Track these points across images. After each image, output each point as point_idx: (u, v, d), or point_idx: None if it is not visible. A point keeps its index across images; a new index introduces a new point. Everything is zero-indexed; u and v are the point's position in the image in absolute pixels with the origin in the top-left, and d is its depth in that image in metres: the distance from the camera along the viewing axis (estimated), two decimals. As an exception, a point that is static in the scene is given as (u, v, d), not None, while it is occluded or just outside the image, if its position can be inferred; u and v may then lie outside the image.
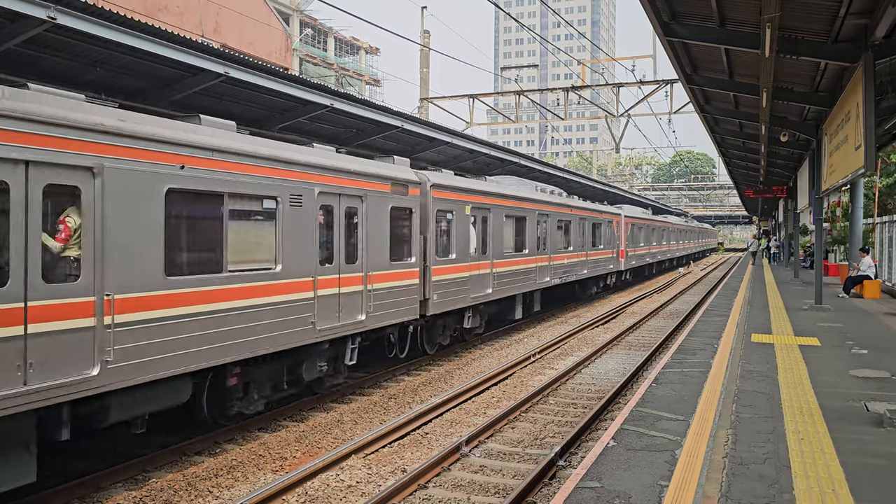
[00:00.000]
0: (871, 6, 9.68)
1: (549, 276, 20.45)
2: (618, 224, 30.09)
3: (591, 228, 25.69)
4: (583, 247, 24.38)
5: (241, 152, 8.66)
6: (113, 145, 7.00)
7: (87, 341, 6.64)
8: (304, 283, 9.83)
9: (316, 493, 7.31)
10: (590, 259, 25.37)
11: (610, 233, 28.58)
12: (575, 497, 5.29)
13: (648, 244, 38.10)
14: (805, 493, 5.20)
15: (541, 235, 19.91)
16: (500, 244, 16.84)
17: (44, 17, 8.33)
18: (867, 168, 10.23)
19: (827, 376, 9.19)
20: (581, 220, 24.19)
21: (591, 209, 25.79)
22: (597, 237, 26.55)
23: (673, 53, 13.17)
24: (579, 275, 23.87)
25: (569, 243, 22.77)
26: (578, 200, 25.35)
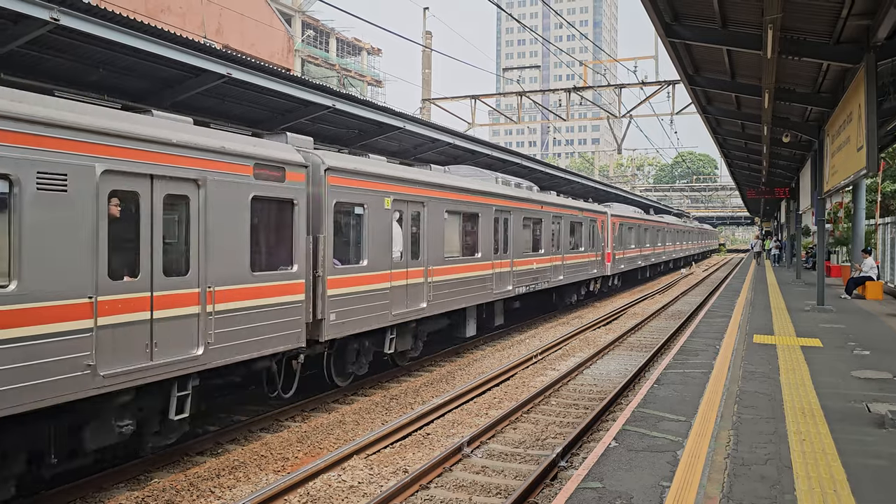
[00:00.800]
0: (873, 7, 9.68)
1: (512, 285, 17.43)
2: (603, 224, 27.36)
3: (570, 228, 22.86)
4: (558, 249, 21.41)
5: None
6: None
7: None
8: (72, 308, 6.61)
9: (318, 493, 7.32)
10: (567, 263, 22.31)
11: (593, 233, 25.77)
12: (576, 498, 5.30)
13: (641, 246, 35.18)
14: (807, 494, 5.20)
15: (500, 236, 16.89)
16: (439, 247, 13.63)
17: (47, 18, 8.37)
18: (869, 169, 10.23)
19: (829, 377, 9.18)
20: (556, 218, 21.27)
21: (568, 206, 22.89)
22: (577, 238, 23.82)
23: (675, 54, 13.18)
24: (553, 281, 20.94)
25: (539, 245, 19.86)
26: (554, 196, 22.36)
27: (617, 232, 29.29)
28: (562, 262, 21.74)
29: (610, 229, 28.10)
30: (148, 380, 7.34)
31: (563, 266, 21.85)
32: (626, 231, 31.32)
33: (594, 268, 25.92)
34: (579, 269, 23.88)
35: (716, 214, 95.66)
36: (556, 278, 21.22)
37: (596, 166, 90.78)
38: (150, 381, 7.38)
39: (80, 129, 6.70)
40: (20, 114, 6.20)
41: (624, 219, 31.18)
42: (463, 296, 14.72)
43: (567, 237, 22.38)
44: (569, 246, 22.55)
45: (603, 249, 27.22)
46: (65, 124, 6.58)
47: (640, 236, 35.07)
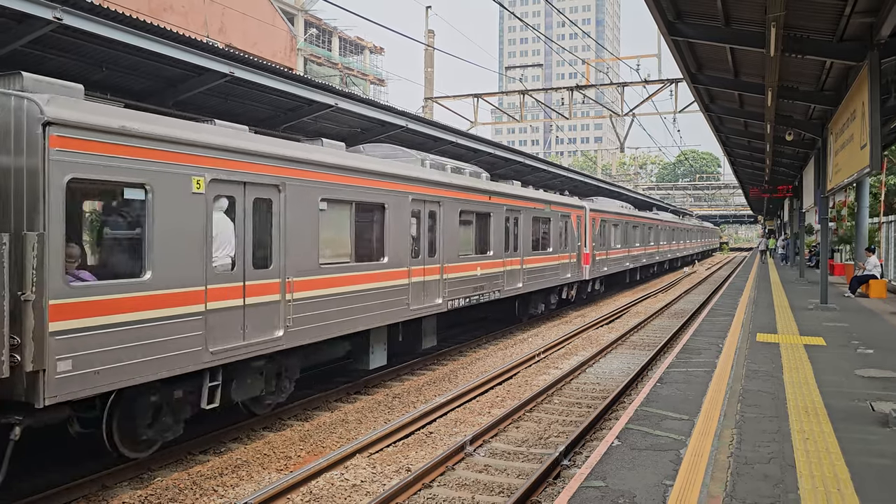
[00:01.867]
0: (877, 5, 9.65)
1: (443, 297, 13.75)
2: (580, 220, 23.53)
3: (533, 225, 19.15)
4: (515, 251, 17.73)
5: None
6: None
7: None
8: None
9: (321, 492, 7.33)
10: (529, 268, 18.58)
11: (567, 231, 22.11)
12: (579, 496, 5.30)
13: (629, 245, 31.61)
14: (810, 493, 5.19)
15: (424, 235, 13.24)
16: (310, 249, 9.86)
17: (50, 17, 8.38)
18: (873, 167, 10.21)
19: (832, 376, 9.17)
20: (512, 212, 17.51)
21: (530, 198, 19.02)
22: (543, 237, 20.09)
23: (678, 53, 13.15)
24: (508, 290, 17.20)
25: (487, 246, 16.11)
26: (510, 185, 18.77)
27: (598, 229, 25.84)
28: (520, 266, 17.89)
29: (589, 226, 24.47)
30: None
31: (522, 271, 18.02)
32: (610, 229, 27.83)
33: (568, 271, 22.03)
34: (547, 273, 20.12)
35: (719, 213, 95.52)
36: (513, 286, 17.50)
37: (599, 165, 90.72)
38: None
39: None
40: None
41: (607, 214, 27.59)
42: (359, 316, 10.94)
43: (528, 236, 18.66)
44: (531, 247, 18.90)
45: (580, 250, 23.42)
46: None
47: (629, 235, 31.59)
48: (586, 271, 24.19)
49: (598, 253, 25.94)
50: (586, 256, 24.15)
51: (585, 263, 24.05)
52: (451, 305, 14.13)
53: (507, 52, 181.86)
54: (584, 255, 24.00)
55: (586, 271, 24.19)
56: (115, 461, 8.03)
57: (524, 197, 18.55)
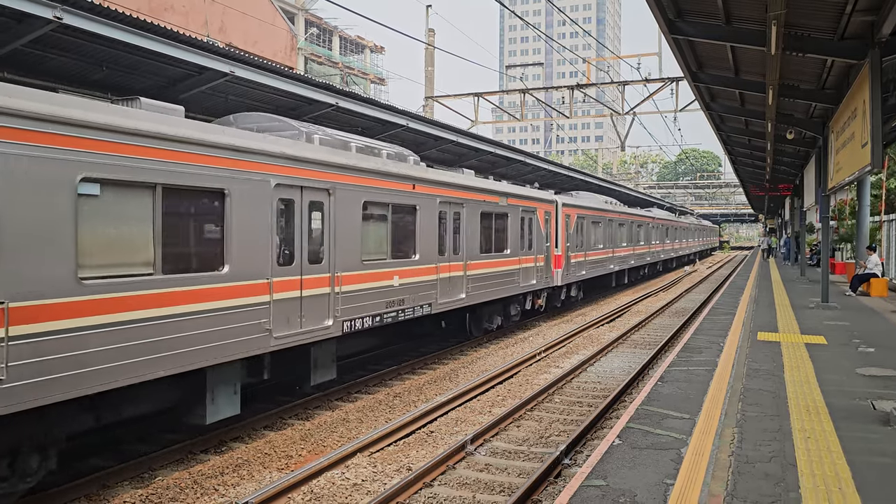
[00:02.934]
0: (878, 3, 9.64)
1: (334, 318, 10.33)
2: (549, 216, 20.27)
3: (482, 222, 15.67)
4: (456, 253, 14.38)
5: None
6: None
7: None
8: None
9: (322, 491, 7.33)
10: (475, 274, 15.20)
11: (532, 230, 18.81)
12: (580, 495, 5.29)
13: (614, 245, 28.64)
14: (811, 492, 5.19)
15: (302, 235, 9.86)
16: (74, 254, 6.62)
17: (50, 17, 8.39)
18: (874, 165, 10.20)
19: (833, 375, 9.16)
20: (449, 205, 14.07)
21: (477, 188, 15.53)
22: (498, 237, 16.69)
23: (678, 51, 13.14)
24: (444, 303, 13.75)
25: (411, 248, 12.80)
26: (450, 173, 15.19)
27: (574, 227, 22.70)
28: (463, 272, 14.62)
29: (562, 224, 21.23)
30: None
31: (465, 279, 14.68)
32: (589, 227, 24.68)
33: (532, 277, 18.65)
34: (503, 280, 16.77)
35: (720, 211, 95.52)
36: (451, 298, 14.08)
37: (599, 163, 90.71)
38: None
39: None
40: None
41: (585, 210, 24.27)
42: (179, 351, 7.70)
43: (475, 235, 15.25)
44: (480, 248, 15.47)
45: (549, 251, 20.13)
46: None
47: (613, 234, 28.57)
48: (558, 276, 20.88)
49: (575, 255, 22.72)
50: (557, 259, 20.81)
51: (557, 267, 20.73)
52: (350, 327, 10.77)
53: (508, 51, 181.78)
54: (555, 257, 20.70)
55: (558, 276, 20.88)
56: (118, 460, 8.04)
57: (468, 187, 15.02)
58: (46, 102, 6.41)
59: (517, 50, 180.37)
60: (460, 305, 14.56)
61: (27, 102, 6.22)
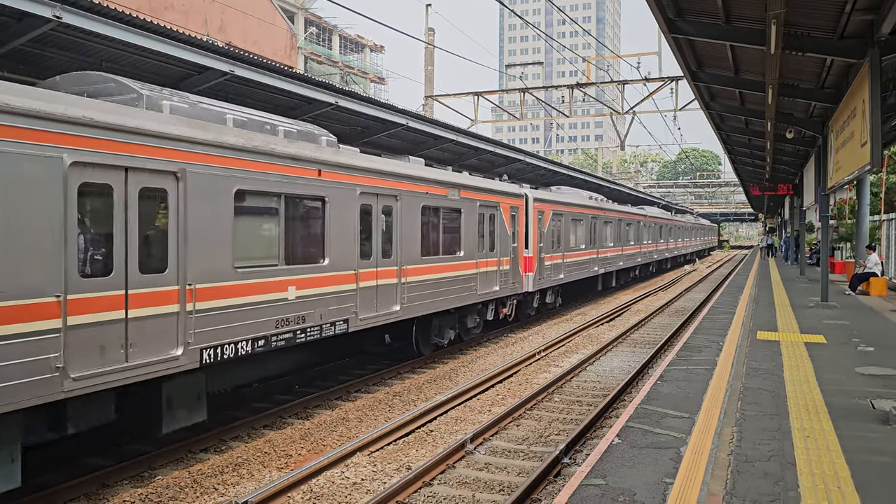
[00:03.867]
0: (878, 2, 9.64)
1: (182, 345, 7.87)
2: (517, 213, 18.08)
3: (423, 218, 13.32)
4: (386, 256, 12.15)
5: None
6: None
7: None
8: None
9: (321, 490, 7.33)
10: (415, 281, 12.89)
11: (494, 228, 16.53)
12: (579, 494, 5.30)
13: (599, 245, 26.49)
14: (810, 491, 5.19)
15: (127, 232, 7.40)
16: None
17: (50, 15, 8.38)
18: (873, 165, 10.20)
19: (833, 374, 9.16)
20: (376, 198, 11.80)
21: (417, 178, 13.14)
22: (448, 236, 14.35)
23: (678, 50, 13.14)
24: (367, 319, 11.40)
25: (314, 251, 10.41)
26: (383, 160, 12.73)
27: (549, 226, 20.38)
28: (398, 280, 12.35)
29: (533, 221, 19.05)
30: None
31: (401, 287, 12.40)
32: (568, 225, 22.35)
33: (494, 283, 16.38)
34: (454, 287, 14.39)
35: (719, 211, 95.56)
36: (379, 311, 11.76)
37: (599, 163, 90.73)
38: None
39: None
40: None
41: (562, 206, 21.86)
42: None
43: (414, 234, 12.99)
44: (421, 249, 13.18)
45: (516, 253, 17.86)
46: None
47: (599, 232, 26.44)
48: (528, 281, 18.69)
49: (550, 256, 20.41)
50: (528, 261, 18.63)
51: (527, 271, 18.63)
52: (214, 357, 8.26)
53: (508, 51, 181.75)
54: (525, 259, 18.49)
55: (528, 281, 18.69)
56: (118, 459, 8.04)
57: (404, 176, 12.66)
58: None
59: (517, 49, 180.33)
60: (393, 319, 12.23)
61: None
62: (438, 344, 14.86)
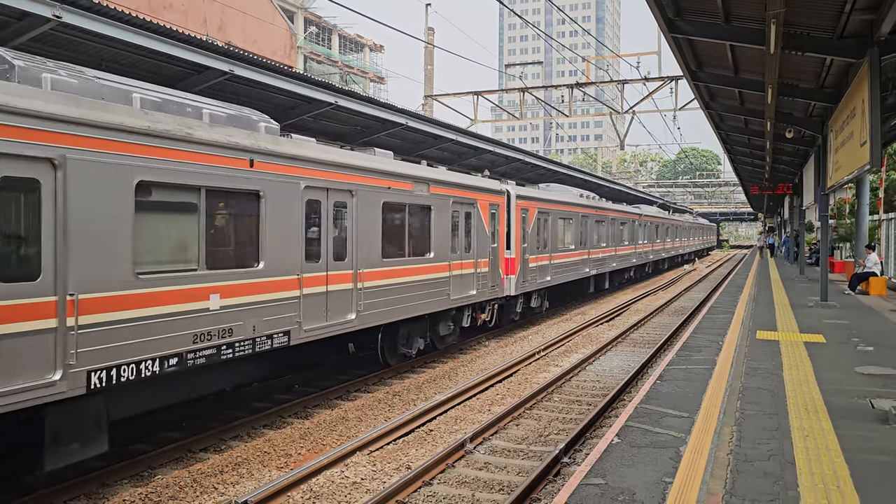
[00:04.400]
0: (877, 2, 9.64)
1: (61, 368, 6.52)
2: (497, 211, 16.73)
3: (385, 216, 11.98)
4: (339, 259, 10.81)
5: None
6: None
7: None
8: None
9: (321, 489, 7.33)
10: (375, 287, 11.57)
11: (470, 227, 15.26)
12: (579, 494, 5.30)
13: (590, 246, 25.24)
14: (810, 490, 5.19)
15: None
16: None
17: (49, 15, 8.38)
18: (873, 164, 10.20)
19: (832, 373, 9.17)
20: (324, 193, 10.42)
21: (377, 171, 11.74)
22: (414, 236, 13.00)
23: (678, 50, 13.14)
24: (315, 330, 10.11)
25: (248, 253, 9.12)
26: (322, 147, 10.82)
27: (534, 225, 19.19)
28: (353, 284, 10.98)
29: (516, 220, 17.86)
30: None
31: (356, 293, 11.02)
32: (555, 224, 21.11)
33: (471, 287, 15.17)
34: (423, 292, 13.18)
35: (719, 210, 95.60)
36: (333, 320, 10.48)
37: (599, 162, 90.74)
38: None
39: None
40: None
41: (549, 204, 20.59)
42: None
43: (374, 233, 11.60)
44: (382, 251, 11.84)
45: (496, 254, 16.67)
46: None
47: (588, 232, 25.17)
48: (510, 284, 17.51)
49: (535, 257, 19.19)
50: (510, 263, 17.47)
51: (508, 273, 17.44)
52: (107, 380, 7.00)
53: (507, 50, 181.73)
54: (507, 260, 17.34)
55: (510, 284, 17.51)
56: (118, 458, 8.04)
57: (361, 168, 11.26)
58: None
59: (517, 49, 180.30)
60: (347, 330, 10.90)
61: None
62: (407, 354, 13.50)
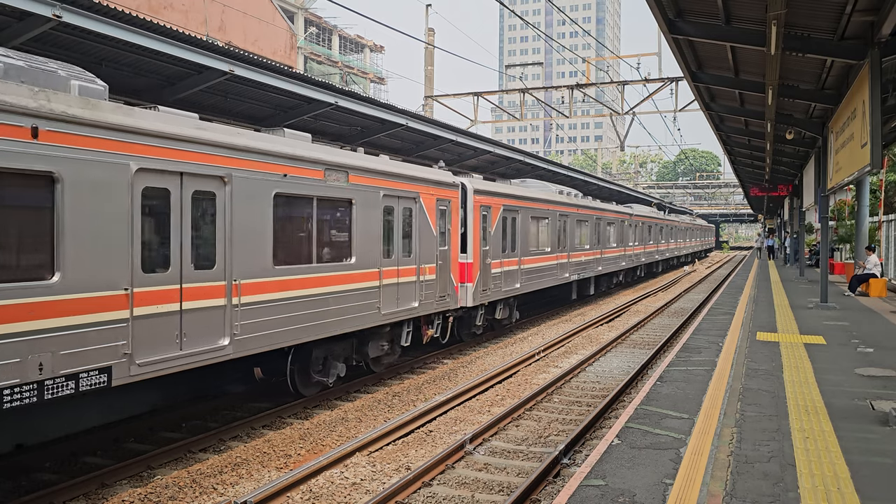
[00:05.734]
0: (878, 3, 9.64)
1: None
2: (448, 207, 14.36)
3: (280, 212, 9.59)
4: (199, 268, 8.25)
5: None
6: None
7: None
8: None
9: (320, 490, 7.32)
10: (254, 304, 8.97)
11: (412, 227, 12.97)
12: (579, 495, 5.29)
13: (569, 248, 22.62)
14: (810, 492, 5.19)
15: None
16: None
17: (49, 15, 8.38)
18: (873, 166, 10.20)
19: (832, 375, 9.16)
20: (173, 180, 7.88)
21: (264, 152, 9.17)
22: (326, 238, 10.65)
23: (678, 51, 13.14)
24: (149, 366, 7.49)
25: (39, 263, 6.52)
26: (159, 118, 7.80)
27: (498, 224, 16.92)
28: (226, 301, 8.58)
29: (475, 218, 15.61)
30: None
31: (232, 312, 8.65)
32: (526, 223, 18.82)
33: (413, 297, 12.84)
34: (340, 307, 10.69)
35: (719, 211, 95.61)
36: (193, 348, 8.10)
37: (599, 163, 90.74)
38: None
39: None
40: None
41: (518, 201, 18.20)
42: None
43: (263, 235, 9.24)
44: (273, 256, 9.39)
45: (448, 258, 14.33)
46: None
47: (569, 233, 22.71)
48: (466, 293, 15.16)
49: (500, 261, 16.97)
50: (466, 268, 15.18)
51: (465, 280, 15.16)
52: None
53: (508, 51, 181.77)
54: (462, 265, 15.09)
55: (466, 293, 15.16)
56: (117, 458, 8.02)
57: (239, 149, 8.71)
58: None
59: (517, 49, 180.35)
60: (214, 360, 8.31)
61: None
62: (322, 382, 11.07)
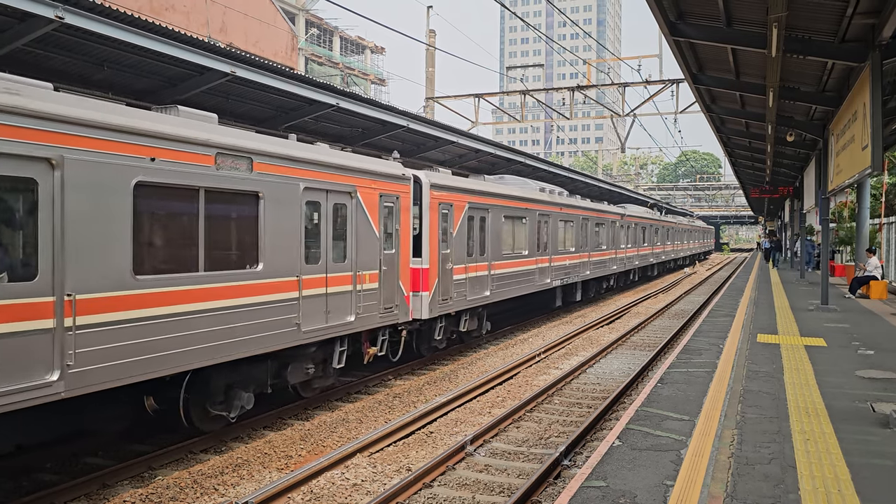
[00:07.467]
0: (879, 6, 9.65)
1: None
2: (396, 204, 12.32)
3: (146, 206, 7.37)
4: (26, 277, 6.18)
5: None
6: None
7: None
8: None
9: (321, 491, 7.33)
10: (101, 325, 6.78)
11: (344, 225, 10.97)
12: (580, 496, 5.29)
13: (550, 251, 20.67)
14: (811, 494, 5.19)
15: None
16: None
17: (52, 16, 8.39)
18: (874, 168, 10.21)
19: (833, 377, 9.16)
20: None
21: (119, 128, 7.01)
22: (231, 238, 8.72)
23: (679, 53, 13.16)
24: None
25: None
26: None
27: (461, 224, 14.86)
28: (55, 324, 6.40)
29: (432, 218, 13.61)
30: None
31: (66, 338, 6.46)
32: (497, 224, 16.78)
33: (348, 310, 10.89)
34: (244, 325, 8.70)
35: (720, 213, 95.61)
36: (13, 385, 5.97)
37: (599, 165, 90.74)
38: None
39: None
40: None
41: (485, 198, 16.17)
42: None
43: (122, 235, 7.14)
44: (138, 263, 7.33)
45: (396, 263, 12.37)
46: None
47: (551, 234, 20.82)
48: (421, 303, 13.16)
49: (463, 266, 14.95)
50: (420, 275, 13.20)
51: (419, 289, 13.15)
52: None
53: (509, 52, 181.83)
54: (415, 271, 13.11)
55: (421, 303, 13.16)
56: (118, 459, 8.03)
57: (78, 123, 6.68)
58: None
59: (517, 51, 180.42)
60: (41, 399, 6.29)
61: None
62: (227, 418, 9.10)
